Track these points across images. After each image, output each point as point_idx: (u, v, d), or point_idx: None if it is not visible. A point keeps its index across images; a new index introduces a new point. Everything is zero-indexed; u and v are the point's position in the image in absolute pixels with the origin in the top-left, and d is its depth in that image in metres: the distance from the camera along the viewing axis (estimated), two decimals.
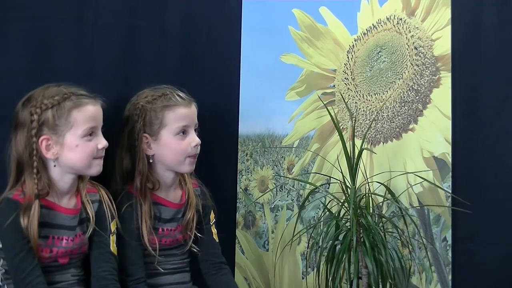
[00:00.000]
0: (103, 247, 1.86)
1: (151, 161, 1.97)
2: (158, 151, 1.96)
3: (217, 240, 2.08)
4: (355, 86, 2.18)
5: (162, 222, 1.99)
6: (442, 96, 2.06)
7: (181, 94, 1.99)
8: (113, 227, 1.88)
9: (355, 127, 2.15)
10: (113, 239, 1.87)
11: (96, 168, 1.82)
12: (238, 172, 2.34)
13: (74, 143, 1.78)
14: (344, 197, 1.98)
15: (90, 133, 1.79)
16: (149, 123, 1.95)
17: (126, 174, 1.99)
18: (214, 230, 2.08)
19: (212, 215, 2.09)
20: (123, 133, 1.98)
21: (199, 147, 1.98)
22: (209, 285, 2.06)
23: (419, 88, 2.09)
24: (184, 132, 1.96)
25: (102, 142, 1.81)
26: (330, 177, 2.17)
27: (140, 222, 1.93)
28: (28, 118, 1.77)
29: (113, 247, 1.87)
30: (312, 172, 2.23)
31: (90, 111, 1.80)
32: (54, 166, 1.79)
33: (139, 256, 1.93)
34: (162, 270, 1.98)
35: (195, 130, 1.99)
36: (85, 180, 1.86)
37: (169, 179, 2.01)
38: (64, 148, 1.77)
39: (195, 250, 2.05)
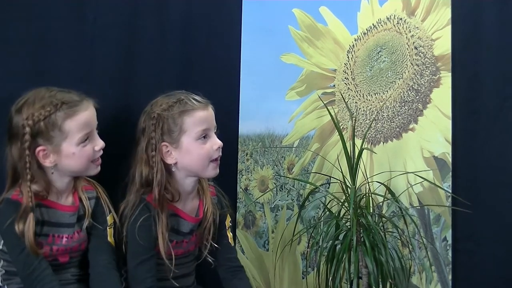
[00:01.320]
0: (101, 237, 1.88)
1: (173, 170, 1.92)
2: (180, 158, 1.91)
3: (233, 244, 2.05)
4: (355, 86, 2.18)
5: (178, 234, 1.95)
6: (442, 96, 2.06)
7: (196, 97, 1.93)
8: (110, 220, 1.89)
9: (355, 127, 2.15)
10: (110, 231, 1.89)
11: (95, 170, 1.84)
12: (238, 172, 2.34)
13: (71, 151, 1.78)
14: (344, 197, 1.98)
15: (86, 139, 1.79)
16: (167, 131, 1.89)
17: (146, 185, 1.92)
18: (229, 235, 2.04)
19: (228, 220, 2.06)
20: (139, 146, 1.92)
21: (221, 149, 1.93)
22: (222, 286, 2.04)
23: (419, 88, 2.09)
24: (205, 136, 1.91)
25: (99, 144, 1.82)
26: (330, 177, 2.17)
27: (157, 233, 1.88)
28: (21, 130, 1.75)
29: (110, 239, 1.88)
30: (312, 172, 2.23)
31: (83, 119, 1.78)
32: (52, 173, 1.80)
33: (154, 266, 1.89)
34: (170, 278, 1.94)
35: (214, 133, 1.94)
36: (81, 178, 1.87)
37: (189, 186, 1.96)
38: (62, 156, 1.78)
39: (210, 260, 2.01)
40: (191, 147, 1.90)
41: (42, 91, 1.79)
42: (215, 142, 1.92)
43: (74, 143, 1.78)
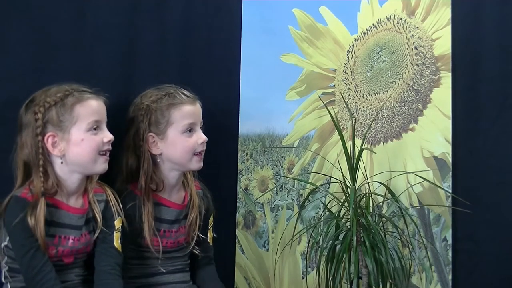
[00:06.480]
0: (107, 242, 1.88)
1: (158, 160, 1.98)
2: (165, 149, 1.97)
3: (211, 244, 2.10)
4: (355, 86, 2.18)
5: (164, 223, 2.00)
6: (442, 96, 2.06)
7: (185, 92, 2.00)
8: (117, 224, 1.89)
9: (355, 127, 2.15)
10: (117, 235, 1.89)
11: (102, 165, 1.83)
12: (238, 172, 2.34)
13: (79, 138, 1.79)
14: (344, 197, 1.98)
15: (95, 127, 1.81)
16: (155, 122, 1.96)
17: (130, 174, 1.99)
18: (210, 234, 2.10)
19: (211, 218, 2.10)
20: (127, 135, 1.99)
21: (205, 144, 1.99)
22: (193, 278, 2.08)
23: (419, 88, 2.09)
24: (191, 129, 1.97)
25: (108, 136, 1.83)
26: (330, 176, 2.17)
27: (143, 222, 1.94)
28: (33, 118, 1.78)
29: (117, 243, 1.88)
30: (312, 172, 2.23)
31: (92, 106, 1.82)
32: (61, 163, 1.80)
33: (129, 256, 1.93)
34: (163, 270, 1.99)
35: (200, 128, 2.00)
36: (94, 180, 1.87)
37: (174, 179, 2.01)
38: (70, 144, 1.79)
39: (197, 252, 2.05)
40: (176, 140, 1.96)
41: (52, 86, 1.83)
42: (200, 137, 1.98)
43: (83, 128, 1.79)
